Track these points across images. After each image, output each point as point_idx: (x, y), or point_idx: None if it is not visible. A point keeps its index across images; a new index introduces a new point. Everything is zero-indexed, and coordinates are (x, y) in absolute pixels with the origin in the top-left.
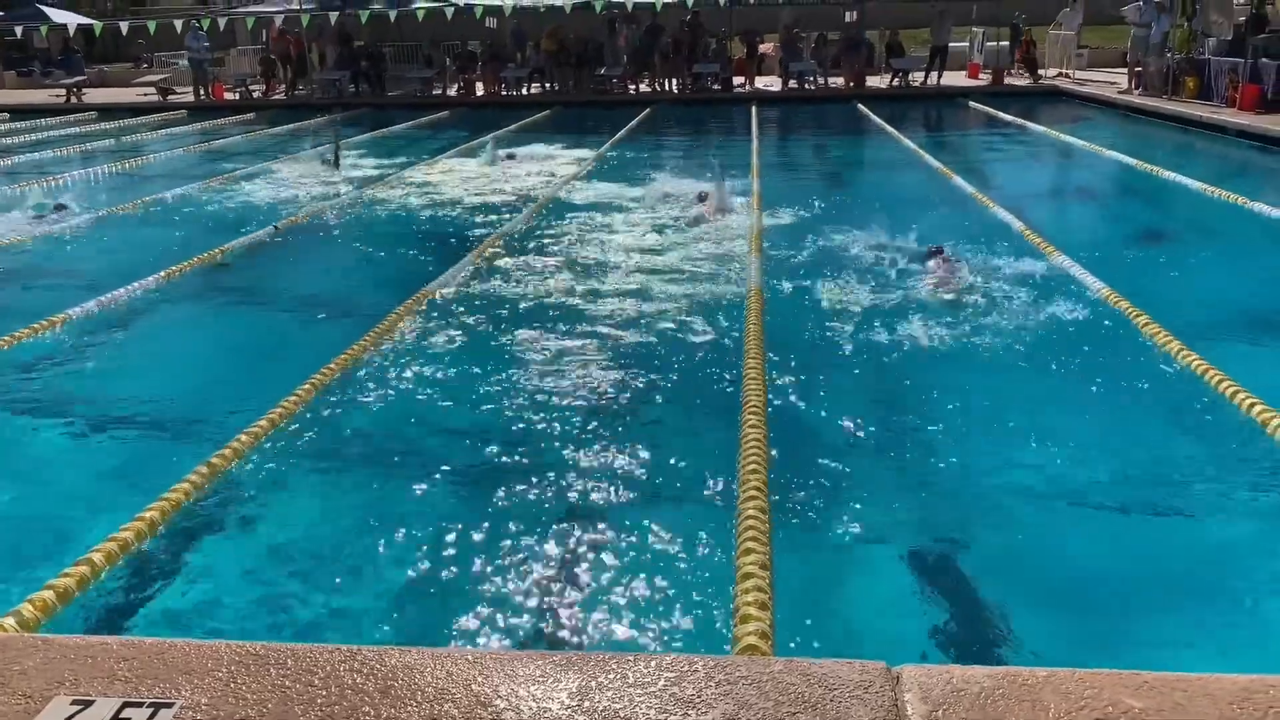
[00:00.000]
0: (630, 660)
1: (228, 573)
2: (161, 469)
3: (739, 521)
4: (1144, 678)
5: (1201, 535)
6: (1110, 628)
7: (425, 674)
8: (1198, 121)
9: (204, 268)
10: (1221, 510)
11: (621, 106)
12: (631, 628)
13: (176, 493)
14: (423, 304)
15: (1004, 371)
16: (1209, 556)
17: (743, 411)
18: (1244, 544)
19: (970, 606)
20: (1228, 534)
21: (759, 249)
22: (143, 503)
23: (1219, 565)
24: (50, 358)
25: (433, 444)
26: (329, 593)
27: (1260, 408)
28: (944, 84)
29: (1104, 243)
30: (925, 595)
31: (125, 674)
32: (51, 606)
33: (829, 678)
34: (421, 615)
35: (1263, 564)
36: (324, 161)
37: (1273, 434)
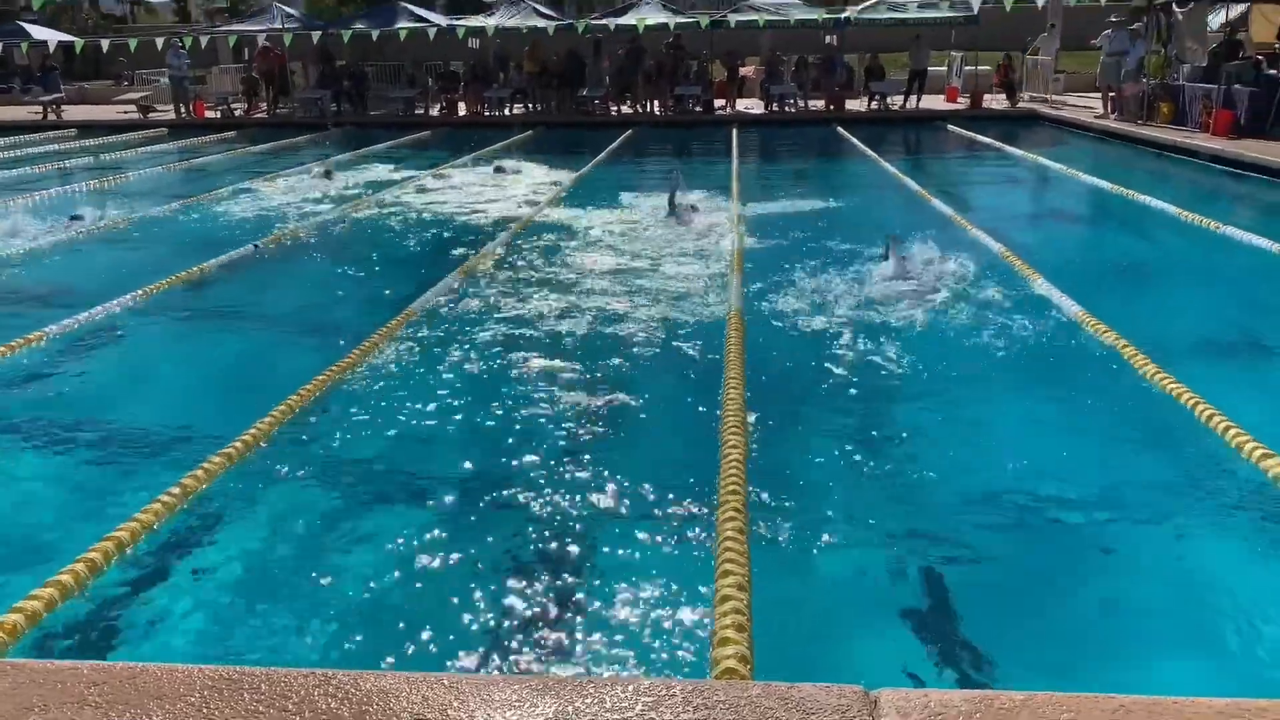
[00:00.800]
0: (607, 685)
1: (201, 595)
2: (133, 489)
3: (717, 543)
4: (1120, 701)
5: (1178, 557)
6: (1087, 650)
7: (401, 698)
8: (1172, 146)
9: (182, 286)
10: (1197, 533)
11: (604, 128)
12: (609, 651)
13: (148, 514)
14: (403, 324)
15: (982, 392)
16: (1185, 578)
17: (722, 431)
18: (1220, 565)
19: (948, 628)
20: (1204, 556)
21: (740, 269)
22: (113, 524)
23: (1196, 586)
24: (23, 377)
25: (410, 466)
26: (304, 616)
27: (1235, 431)
28: (923, 107)
29: (1078, 264)
30: (904, 617)
31: (96, 699)
32: (19, 630)
33: (806, 701)
34: (397, 639)
35: (1240, 586)
36: (325, 175)
37: (1248, 457)
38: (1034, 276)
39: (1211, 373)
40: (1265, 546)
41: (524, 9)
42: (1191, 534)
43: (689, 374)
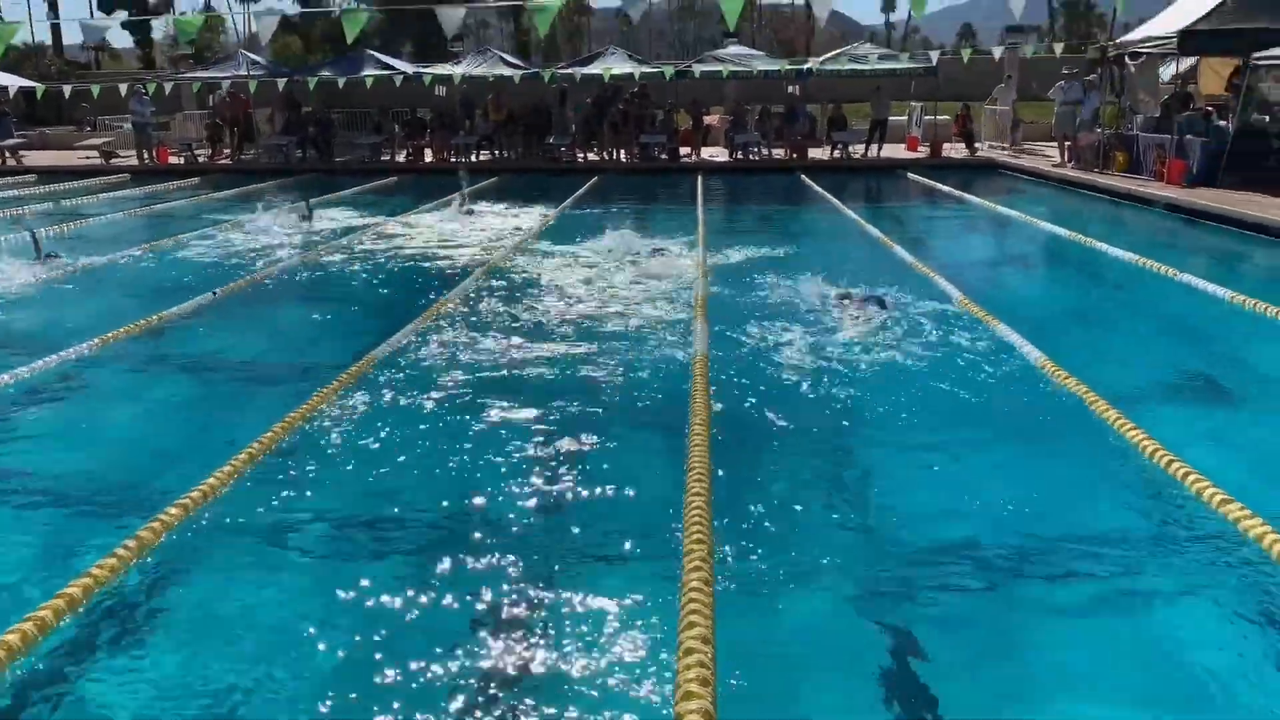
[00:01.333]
0: None
1: (154, 653)
2: (86, 544)
3: (682, 594)
4: None
5: (1137, 602)
6: (1048, 694)
7: None
8: (1129, 195)
9: (140, 334)
10: (1157, 579)
11: (570, 175)
12: (566, 708)
13: (102, 569)
14: (364, 371)
15: (944, 437)
16: (1144, 624)
17: (687, 478)
18: (1180, 612)
19: (915, 681)
20: (1164, 602)
21: (704, 315)
22: (65, 580)
23: (1154, 631)
24: None
25: (370, 516)
26: (260, 674)
27: (1195, 477)
28: (884, 156)
29: (1038, 310)
30: (872, 671)
31: None
32: None
33: None
34: (353, 696)
35: (1199, 633)
36: (301, 216)
37: (1208, 502)
38: (994, 323)
39: (1169, 417)
40: (1225, 594)
41: (490, 58)
42: (1150, 580)
43: (653, 419)
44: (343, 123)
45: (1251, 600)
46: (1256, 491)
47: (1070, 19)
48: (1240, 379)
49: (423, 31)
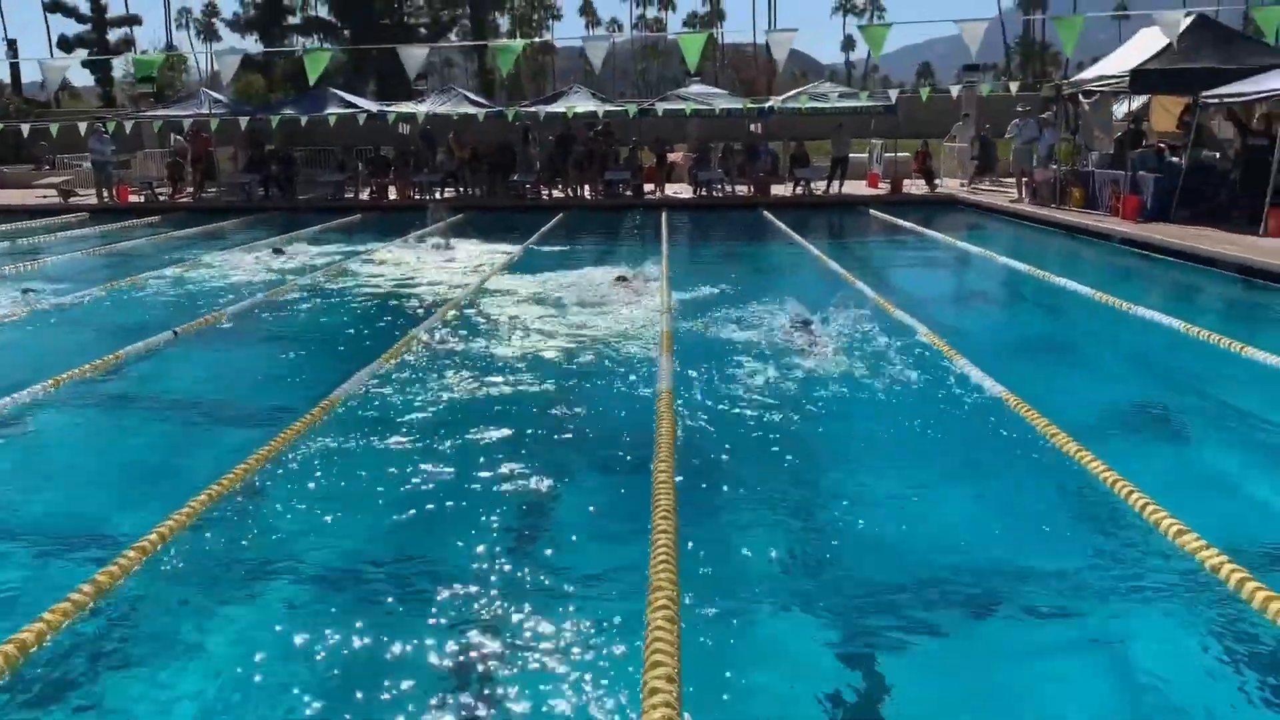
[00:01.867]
0: None
1: (108, 701)
2: (41, 589)
3: (647, 633)
4: None
5: (1095, 631)
6: None
7: None
8: (1085, 230)
9: (97, 374)
10: (1115, 608)
11: (535, 212)
12: None
13: (56, 614)
14: (326, 411)
15: (906, 469)
16: (1102, 652)
17: (653, 516)
18: (1139, 640)
19: (883, 713)
20: (1122, 630)
21: (669, 350)
22: (18, 625)
23: (1113, 660)
24: None
25: (329, 557)
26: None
27: (1153, 508)
28: (845, 192)
29: (997, 342)
30: (838, 702)
31: None
32: None
33: None
34: None
35: (1158, 661)
36: (274, 250)
37: (1165, 533)
38: (955, 355)
39: (1124, 447)
40: (1181, 623)
41: (454, 96)
42: (1107, 610)
43: (618, 455)
44: (305, 161)
45: (1207, 628)
46: (1210, 521)
47: (1026, 58)
48: (1193, 409)
49: (386, 70)
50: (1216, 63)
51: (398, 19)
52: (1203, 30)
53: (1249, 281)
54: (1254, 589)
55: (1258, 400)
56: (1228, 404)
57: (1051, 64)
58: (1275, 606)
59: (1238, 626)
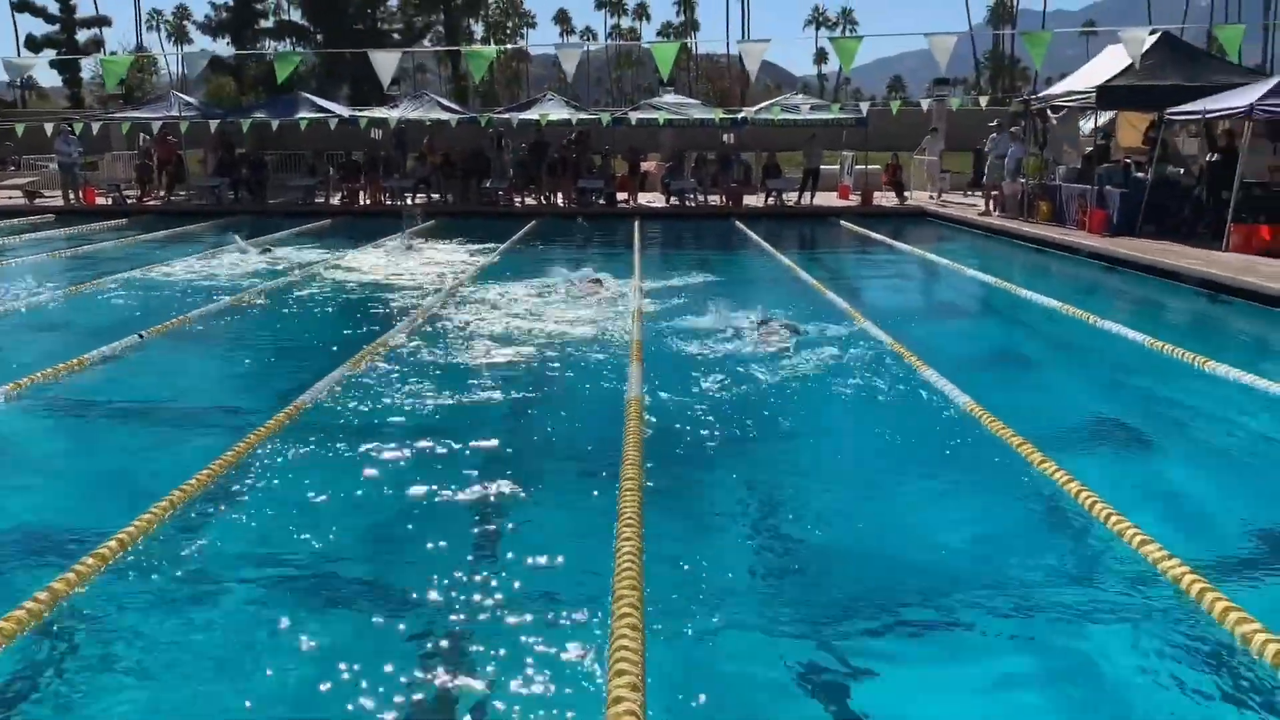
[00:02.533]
0: None
1: (65, 710)
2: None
3: (611, 641)
4: None
5: (1059, 640)
6: None
7: None
8: (1051, 243)
9: (61, 377)
10: (1078, 616)
11: (507, 219)
12: None
13: (10, 621)
14: (293, 416)
15: (874, 477)
16: (1067, 661)
17: (618, 524)
18: (1102, 649)
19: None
20: (1085, 639)
21: (640, 358)
22: None
23: (1078, 669)
24: None
25: (294, 564)
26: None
27: (1116, 518)
28: (817, 204)
29: (965, 353)
30: (804, 710)
31: None
32: None
33: None
34: None
35: (1120, 671)
36: (262, 250)
37: (1129, 542)
38: (922, 367)
39: (1088, 457)
40: (1146, 631)
41: (427, 102)
42: (1072, 617)
43: (587, 461)
44: (276, 165)
45: (1168, 638)
46: (1171, 530)
47: (995, 72)
48: (1152, 421)
49: (359, 75)
50: (1181, 80)
51: (371, 24)
52: (1168, 48)
53: (1212, 296)
54: (1214, 599)
55: (1217, 413)
56: (1187, 416)
57: (1020, 79)
58: (1233, 616)
59: (1195, 634)
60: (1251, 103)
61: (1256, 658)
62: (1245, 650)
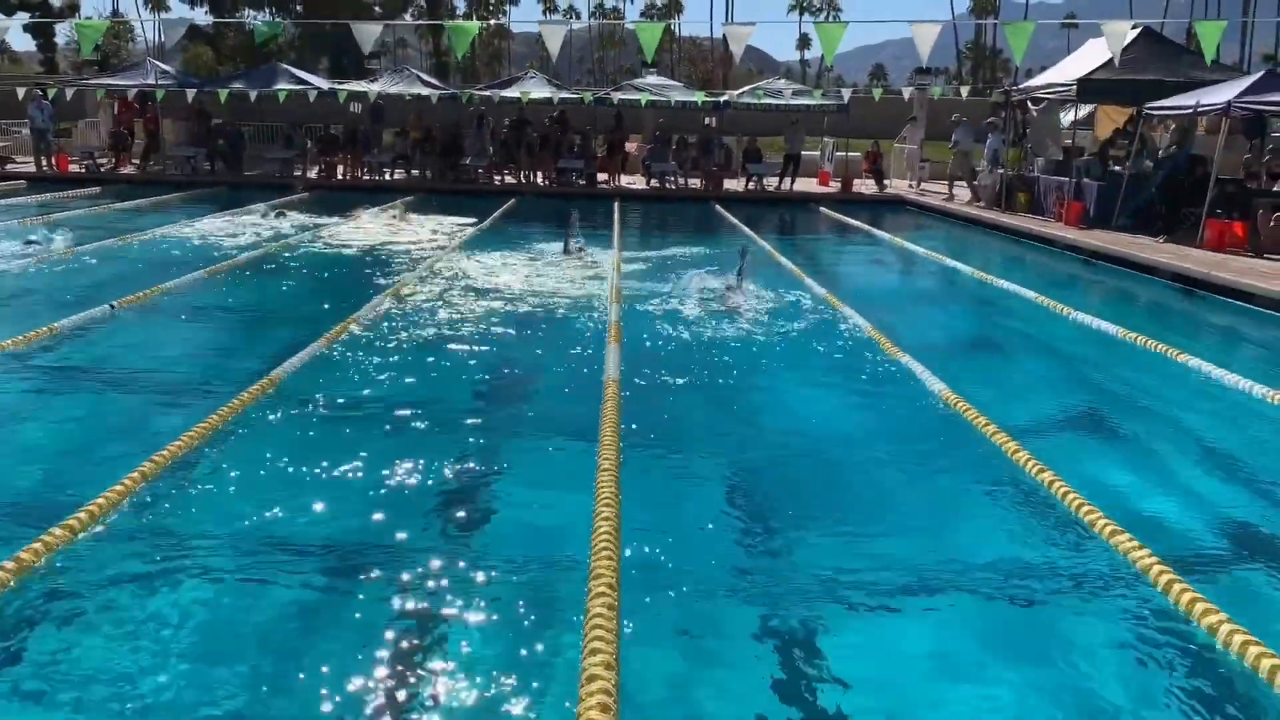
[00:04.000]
0: None
1: (31, 684)
2: None
3: (586, 619)
4: None
5: (1033, 628)
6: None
7: None
8: (1028, 234)
9: (29, 347)
10: (1051, 604)
11: (486, 196)
12: None
13: None
14: (266, 390)
15: (847, 460)
16: (1040, 649)
17: (596, 504)
18: (1076, 637)
19: (823, 705)
20: (1059, 627)
21: (618, 339)
22: None
23: (1053, 659)
24: None
25: (267, 536)
26: (147, 706)
27: (1088, 509)
28: (797, 189)
29: (938, 339)
30: (777, 692)
31: None
32: None
33: None
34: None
35: (1094, 658)
36: (278, 214)
37: (1100, 533)
38: (899, 354)
39: (1061, 445)
40: (1118, 620)
41: (408, 76)
42: (1040, 608)
43: (564, 438)
44: (254, 136)
45: (1134, 627)
46: (1139, 519)
47: (976, 63)
48: (1122, 411)
49: (339, 48)
50: (1161, 75)
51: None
52: (1148, 43)
53: (1186, 290)
54: (1180, 590)
55: (1188, 404)
56: (1158, 407)
57: (1001, 70)
58: (1200, 607)
59: (1164, 626)
60: (1230, 99)
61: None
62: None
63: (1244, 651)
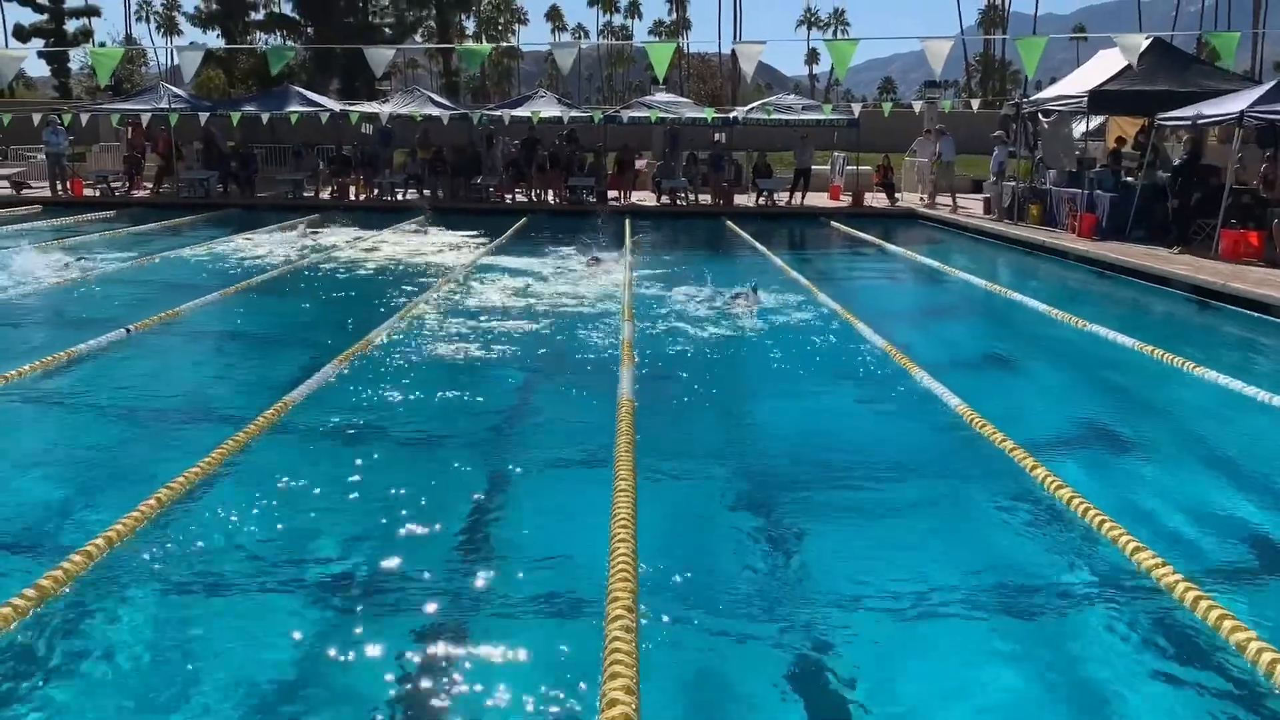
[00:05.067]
0: None
1: (53, 708)
2: None
3: (605, 643)
4: None
5: (1051, 642)
6: None
7: None
8: (1040, 246)
9: (47, 371)
10: (1069, 618)
11: (497, 215)
12: None
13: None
14: (280, 414)
15: (865, 475)
16: (1059, 663)
17: (612, 524)
18: (1092, 649)
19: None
20: (1077, 640)
21: (631, 358)
22: None
23: (1070, 670)
24: None
25: (286, 558)
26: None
27: (1110, 524)
28: (807, 204)
29: (952, 353)
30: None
31: None
32: None
33: None
34: None
35: (1110, 670)
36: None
37: (1120, 547)
38: (913, 369)
39: (1076, 460)
40: (1137, 635)
41: (419, 97)
42: (1063, 621)
43: (580, 461)
44: (266, 158)
45: (1164, 646)
46: (1155, 531)
47: (985, 75)
48: (1140, 424)
49: (349, 69)
50: (1172, 85)
51: (362, 18)
52: (1159, 54)
53: (1201, 302)
54: (1207, 606)
55: (1203, 416)
56: (1174, 419)
57: (1011, 82)
58: (1228, 624)
59: (1188, 641)
60: (1243, 109)
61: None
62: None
63: (1271, 670)
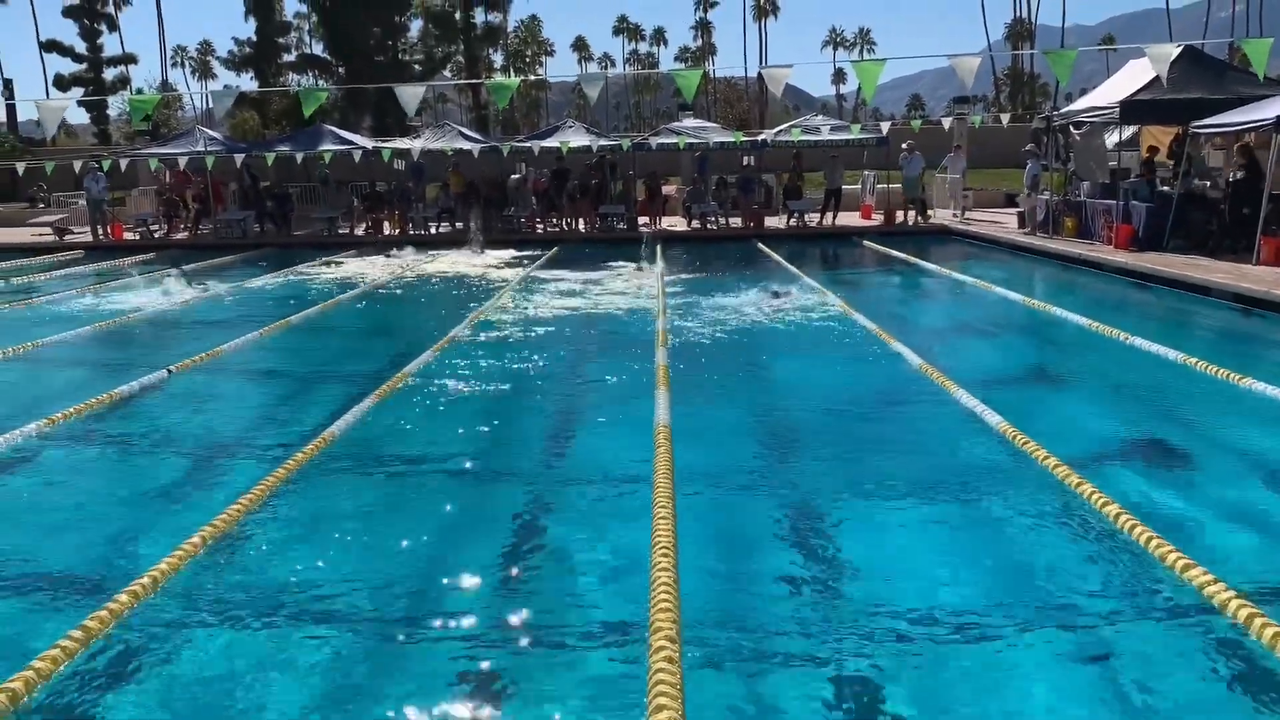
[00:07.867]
0: None
1: None
2: (31, 634)
3: (649, 676)
4: None
5: (1098, 663)
6: None
7: None
8: (1078, 259)
9: (92, 413)
10: (1117, 639)
11: (530, 244)
12: None
13: (46, 660)
14: (319, 449)
15: (905, 496)
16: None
17: (652, 553)
18: (1143, 673)
19: None
20: (1123, 662)
21: (666, 383)
22: (6, 674)
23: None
24: None
25: (327, 591)
26: None
27: (1157, 542)
28: (839, 224)
29: (996, 374)
30: None
31: None
32: None
33: None
34: None
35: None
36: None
37: (1171, 567)
38: (952, 387)
39: (1120, 476)
40: (1191, 655)
41: (449, 131)
42: (1110, 640)
43: (617, 488)
44: (300, 197)
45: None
46: (1207, 549)
47: (1014, 89)
48: (1187, 437)
49: (381, 106)
50: (1205, 93)
51: (392, 56)
52: (1191, 62)
53: (1245, 310)
54: (1262, 624)
55: (1252, 429)
56: (1223, 433)
57: (1040, 94)
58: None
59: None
60: (1278, 115)
61: None
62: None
63: None
